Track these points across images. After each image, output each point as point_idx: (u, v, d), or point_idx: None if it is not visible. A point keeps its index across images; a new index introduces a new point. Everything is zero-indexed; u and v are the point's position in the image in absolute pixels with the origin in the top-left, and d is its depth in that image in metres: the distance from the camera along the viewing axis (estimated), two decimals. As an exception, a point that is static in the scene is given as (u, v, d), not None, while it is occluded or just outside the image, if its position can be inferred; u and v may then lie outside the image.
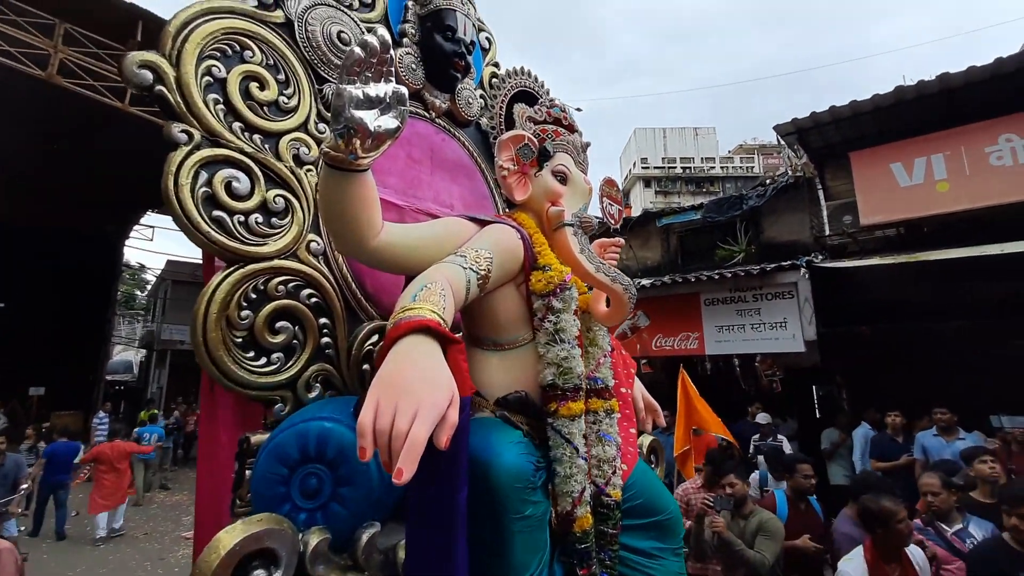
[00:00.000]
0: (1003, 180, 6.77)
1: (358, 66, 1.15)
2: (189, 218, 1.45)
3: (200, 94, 1.55)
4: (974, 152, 7.03)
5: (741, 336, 7.49)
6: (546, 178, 1.73)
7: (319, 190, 1.37)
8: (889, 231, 7.53)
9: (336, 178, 1.28)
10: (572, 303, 1.54)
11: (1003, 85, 6.75)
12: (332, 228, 1.41)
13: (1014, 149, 6.83)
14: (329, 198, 1.33)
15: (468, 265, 1.35)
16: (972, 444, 4.87)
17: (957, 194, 7.05)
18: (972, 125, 7.06)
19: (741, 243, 8.63)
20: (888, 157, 7.56)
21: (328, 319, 1.68)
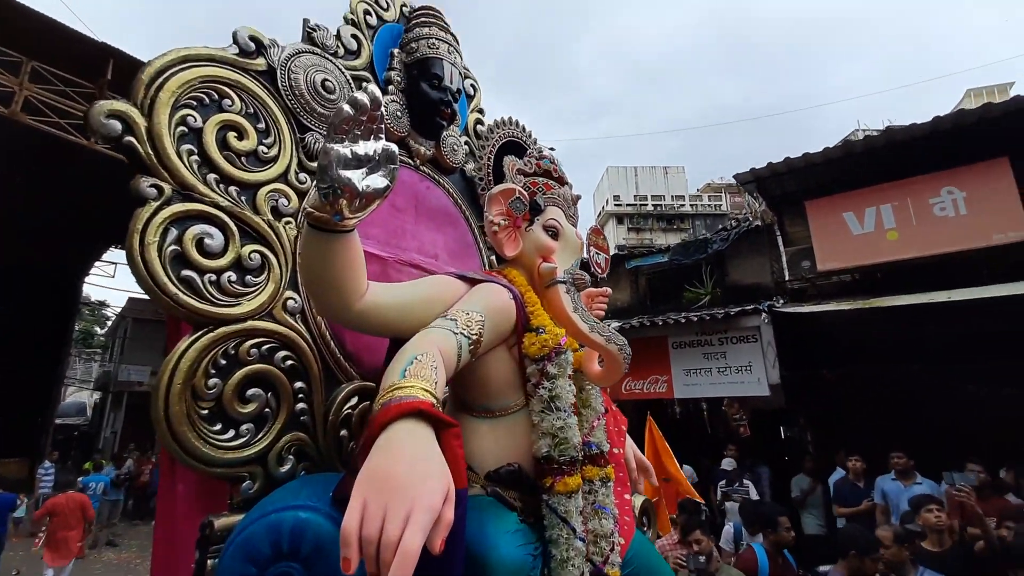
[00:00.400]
0: (947, 230, 7.08)
1: (346, 124, 1.07)
2: (155, 280, 1.31)
3: (173, 145, 1.44)
4: (919, 203, 7.35)
5: (708, 380, 7.50)
6: (537, 233, 1.65)
7: (299, 252, 1.26)
8: (845, 276, 7.75)
9: (319, 239, 1.17)
10: (567, 368, 1.45)
11: (942, 141, 7.13)
12: (313, 291, 1.30)
13: (955, 201, 7.17)
14: (310, 260, 1.22)
15: (459, 330, 1.25)
16: (928, 489, 4.91)
17: (906, 243, 7.33)
18: (917, 178, 7.41)
19: (707, 286, 8.75)
20: (841, 206, 7.86)
21: (304, 382, 1.54)
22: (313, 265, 1.22)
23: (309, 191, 1.68)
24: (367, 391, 1.66)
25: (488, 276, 1.52)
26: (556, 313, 1.54)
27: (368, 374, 1.68)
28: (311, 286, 1.29)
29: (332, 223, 1.14)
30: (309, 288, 1.30)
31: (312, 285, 1.28)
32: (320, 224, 1.15)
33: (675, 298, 9.04)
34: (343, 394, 1.60)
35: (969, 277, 6.26)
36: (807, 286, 7.97)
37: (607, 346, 1.52)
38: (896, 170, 7.49)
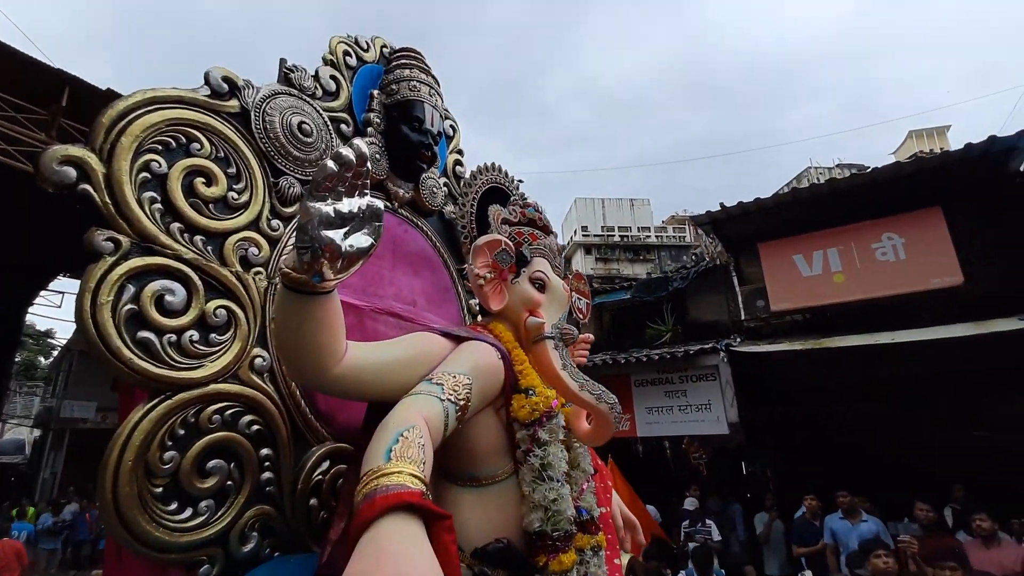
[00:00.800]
0: (889, 274, 7.37)
1: (330, 181, 0.97)
2: (108, 345, 1.16)
3: (134, 193, 1.30)
4: (863, 248, 7.66)
5: (670, 418, 7.49)
6: (524, 286, 1.57)
7: (272, 314, 1.14)
8: (797, 316, 7.95)
9: (295, 301, 1.06)
10: (560, 432, 1.35)
11: (881, 190, 7.48)
12: (286, 355, 1.17)
13: (895, 246, 7.50)
14: (285, 324, 1.10)
15: (446, 396, 1.14)
16: (874, 526, 4.97)
17: (851, 285, 7.59)
18: (860, 224, 7.72)
19: (668, 323, 8.84)
20: (791, 249, 8.11)
21: (271, 448, 1.39)
22: (287, 328, 1.11)
23: (281, 240, 1.56)
24: (340, 453, 1.52)
25: (474, 333, 1.42)
26: (544, 370, 1.45)
27: (341, 434, 1.55)
28: (284, 350, 1.17)
29: (310, 285, 1.04)
30: (282, 352, 1.18)
31: (285, 349, 1.16)
32: (297, 286, 1.05)
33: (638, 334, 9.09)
34: (314, 458, 1.46)
35: (911, 319, 6.50)
36: (762, 325, 8.13)
37: (597, 405, 1.43)
38: (841, 216, 7.81)
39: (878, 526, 5.05)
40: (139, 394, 1.25)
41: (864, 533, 4.88)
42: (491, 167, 1.87)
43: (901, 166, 7.57)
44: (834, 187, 7.84)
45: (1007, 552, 4.08)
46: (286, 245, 1.57)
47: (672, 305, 9.12)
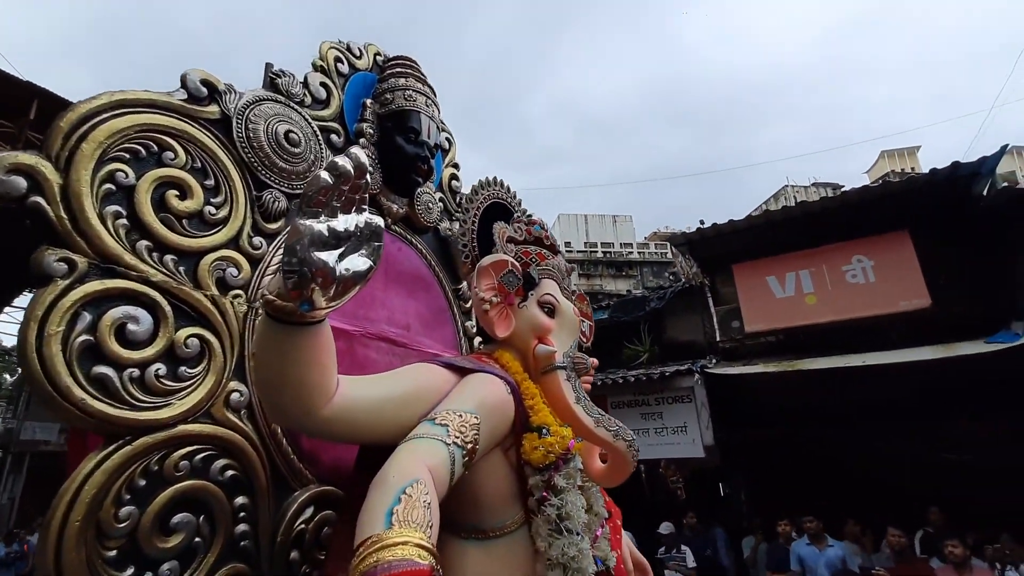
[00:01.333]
0: (859, 296, 7.43)
1: (323, 195, 0.82)
2: (55, 382, 0.98)
3: (95, 206, 1.12)
4: (833, 270, 7.73)
5: (646, 441, 7.36)
6: (532, 310, 1.41)
7: (254, 347, 0.98)
8: (771, 337, 7.96)
9: (280, 333, 0.91)
10: (577, 477, 1.19)
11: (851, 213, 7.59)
12: (268, 396, 1.01)
13: (865, 269, 7.58)
14: (267, 359, 0.94)
15: (451, 439, 0.99)
16: (840, 551, 4.93)
17: (823, 307, 7.63)
18: (831, 246, 7.80)
19: (645, 343, 8.77)
20: (764, 270, 8.15)
21: (247, 496, 1.21)
22: (270, 364, 0.94)
23: (264, 259, 1.39)
24: (327, 497, 1.33)
25: (479, 363, 1.26)
26: (556, 404, 1.30)
27: (327, 475, 1.37)
28: (265, 388, 1.00)
29: (298, 314, 0.88)
30: (262, 390, 1.01)
31: (267, 387, 0.99)
32: (282, 315, 0.89)
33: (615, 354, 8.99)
34: (296, 505, 1.28)
35: (881, 342, 6.55)
36: (737, 345, 8.12)
37: (615, 443, 1.29)
38: (813, 238, 7.89)
39: (844, 551, 5.02)
40: (93, 439, 1.06)
41: (831, 559, 4.84)
42: (493, 182, 1.73)
43: (869, 190, 7.69)
44: (805, 209, 7.93)
45: None
46: (269, 265, 1.40)
47: (649, 325, 9.06)
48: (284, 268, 0.83)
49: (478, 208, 1.63)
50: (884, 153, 26.23)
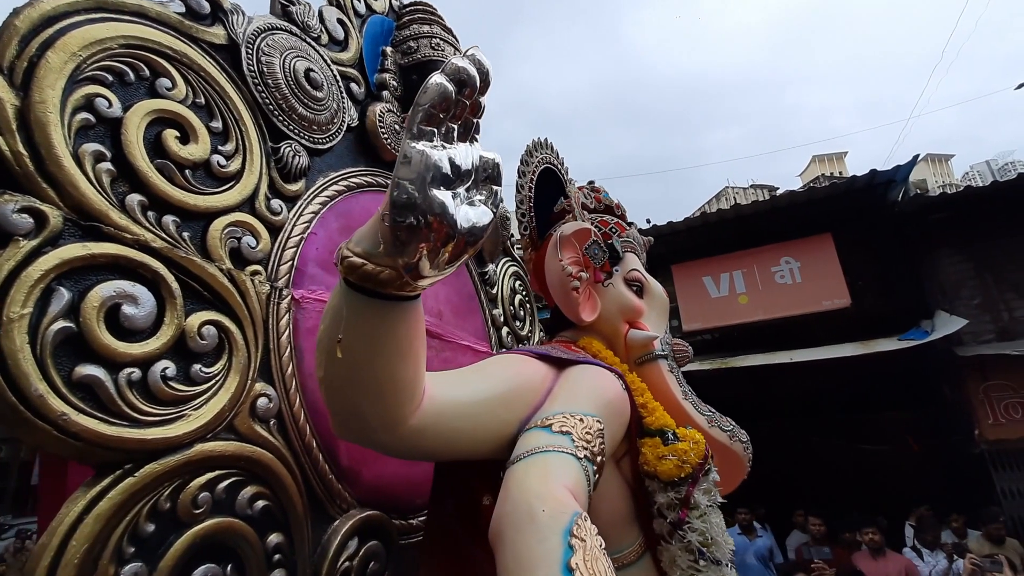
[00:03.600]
0: (786, 296, 7.77)
1: (443, 110, 0.59)
2: (20, 389, 0.64)
3: (67, 141, 0.77)
4: (763, 271, 8.05)
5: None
6: (619, 289, 1.17)
7: (324, 336, 0.68)
8: (707, 335, 8.19)
9: (368, 312, 0.65)
10: (715, 493, 0.96)
11: (780, 216, 7.92)
12: (345, 400, 0.72)
13: (792, 270, 7.94)
14: (352, 350, 0.66)
15: (580, 450, 0.74)
16: (768, 541, 5.16)
17: (754, 306, 7.94)
18: (762, 248, 8.12)
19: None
20: (700, 271, 8.39)
21: (283, 533, 0.90)
22: (352, 355, 0.66)
23: (284, 228, 1.07)
24: (372, 525, 1.05)
25: (572, 353, 1.01)
26: (659, 400, 1.07)
27: (368, 496, 1.08)
28: (340, 389, 0.71)
29: (400, 283, 0.61)
30: (337, 392, 0.72)
31: (342, 387, 0.71)
32: (376, 285, 0.62)
33: (566, 348, 8.95)
34: (339, 538, 0.98)
35: (806, 339, 6.87)
36: (676, 343, 8.29)
37: (731, 445, 1.09)
38: (745, 240, 8.17)
39: (771, 540, 5.25)
40: (77, 472, 0.73)
41: (760, 548, 5.03)
42: (545, 144, 1.46)
43: (796, 195, 8.04)
44: (739, 212, 8.19)
45: (891, 562, 4.28)
46: (290, 236, 1.08)
47: None
48: (391, 214, 0.55)
49: (534, 172, 1.36)
50: (815, 157, 28.19)
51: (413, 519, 1.15)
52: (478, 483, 0.86)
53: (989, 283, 6.03)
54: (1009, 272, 5.90)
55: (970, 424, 5.60)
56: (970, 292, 6.12)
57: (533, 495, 0.63)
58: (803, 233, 7.82)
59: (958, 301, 6.14)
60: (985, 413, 5.52)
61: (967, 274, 6.21)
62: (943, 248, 6.44)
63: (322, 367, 0.70)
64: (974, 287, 6.12)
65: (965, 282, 6.19)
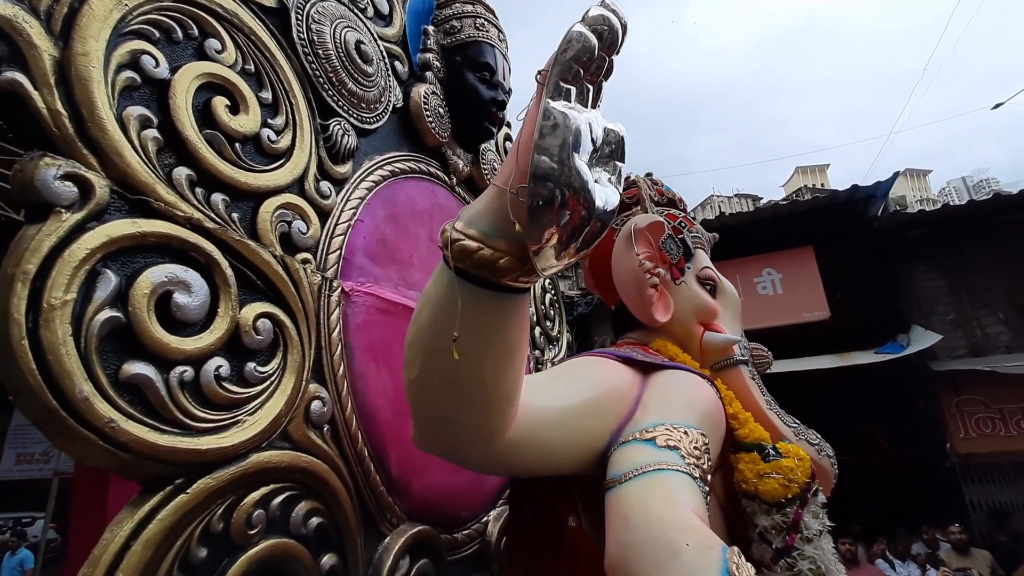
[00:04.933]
0: (768, 307, 7.85)
1: (582, 66, 0.50)
2: (61, 390, 0.53)
3: (111, 103, 0.66)
4: (746, 281, 8.12)
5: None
6: (693, 288, 1.08)
7: (425, 334, 0.59)
8: (694, 346, 8.23)
9: (482, 306, 0.56)
10: (824, 516, 0.87)
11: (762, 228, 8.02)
12: (443, 412, 0.63)
13: (774, 281, 8.04)
14: (463, 349, 0.56)
15: (696, 470, 0.66)
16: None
17: (736, 317, 7.99)
18: (745, 258, 8.18)
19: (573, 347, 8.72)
20: (685, 280, 8.39)
21: (336, 553, 0.80)
22: (464, 358, 0.56)
23: (332, 213, 0.96)
24: (422, 541, 0.95)
25: (651, 356, 0.92)
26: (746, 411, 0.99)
27: (416, 510, 0.98)
28: (442, 398, 0.61)
29: (516, 273, 0.53)
30: (434, 402, 0.61)
31: (444, 397, 0.61)
32: (494, 275, 0.53)
33: (543, 351, 8.89)
34: (392, 558, 0.88)
35: (787, 351, 6.95)
36: (659, 350, 8.33)
37: (819, 460, 1.02)
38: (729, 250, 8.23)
39: None
40: (120, 488, 0.62)
41: None
42: None
43: (779, 207, 8.16)
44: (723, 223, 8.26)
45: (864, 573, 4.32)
46: (338, 222, 0.97)
47: (577, 329, 9.06)
48: (533, 183, 0.46)
49: None
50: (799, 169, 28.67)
51: (458, 533, 1.06)
52: (560, 502, 0.77)
53: (963, 299, 6.20)
54: (982, 289, 6.08)
55: (942, 437, 5.73)
56: (945, 308, 6.28)
57: (667, 525, 0.54)
58: (785, 245, 7.92)
59: (933, 316, 6.29)
60: (957, 427, 5.66)
61: (942, 290, 6.37)
62: (920, 264, 6.60)
63: (415, 368, 0.60)
64: (949, 303, 6.28)
65: (940, 298, 6.36)
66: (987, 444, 5.47)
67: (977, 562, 4.49)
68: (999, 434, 5.52)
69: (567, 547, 0.74)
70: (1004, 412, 5.56)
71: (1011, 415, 5.53)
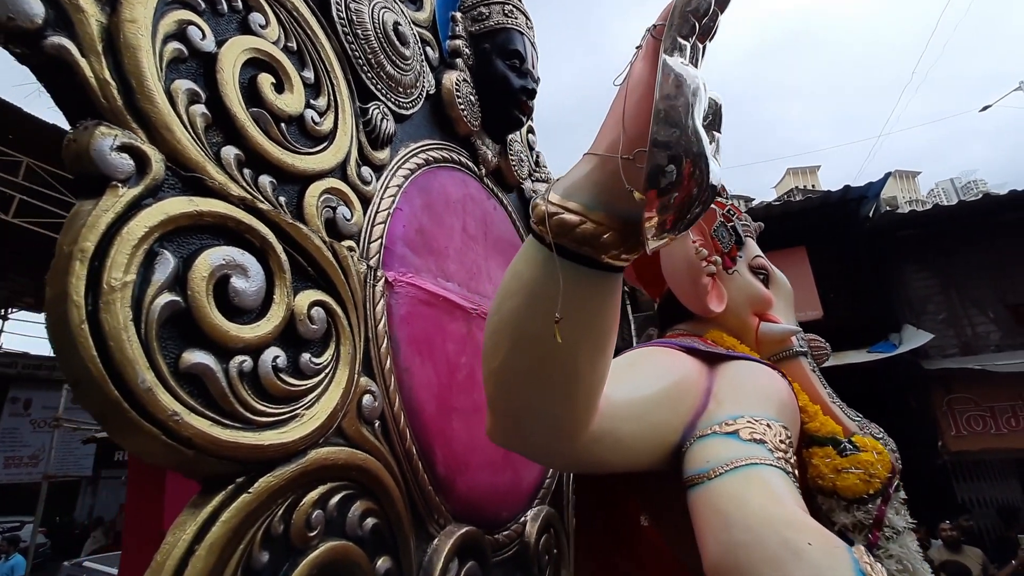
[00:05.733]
0: None
1: (698, 19, 0.46)
2: (124, 379, 0.48)
3: (159, 75, 0.61)
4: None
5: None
6: (746, 277, 1.06)
7: (514, 317, 0.55)
8: (687, 337, 8.24)
9: (584, 287, 0.52)
10: (906, 512, 0.84)
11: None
12: (527, 402, 0.59)
13: (768, 280, 8.07)
14: (567, 333, 0.52)
15: (788, 465, 0.63)
16: None
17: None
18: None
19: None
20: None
21: (391, 556, 0.76)
22: (567, 341, 0.52)
23: (372, 200, 0.92)
24: (469, 542, 0.91)
25: (713, 347, 0.89)
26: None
27: (461, 510, 0.93)
28: (529, 388, 0.57)
29: (616, 250, 0.50)
30: (519, 392, 0.57)
31: (531, 386, 0.56)
32: (596, 251, 0.49)
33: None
34: (442, 560, 0.84)
35: None
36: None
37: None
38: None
39: None
40: (177, 487, 0.57)
41: None
42: None
43: (771, 207, 8.22)
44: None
45: None
46: (378, 211, 0.93)
47: None
48: (653, 146, 0.42)
49: None
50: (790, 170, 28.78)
51: (498, 534, 1.02)
52: (631, 500, 0.74)
53: (954, 299, 6.28)
54: (972, 289, 6.16)
55: (934, 435, 5.79)
56: (936, 307, 6.36)
57: (779, 523, 0.51)
58: (778, 245, 7.97)
59: (925, 316, 6.37)
60: (948, 425, 5.73)
61: (933, 289, 6.45)
62: (911, 264, 6.68)
63: (499, 356, 0.56)
64: (940, 302, 6.36)
65: (931, 297, 6.43)
66: (978, 442, 5.55)
67: (969, 559, 4.53)
68: (990, 432, 5.61)
69: (641, 547, 0.71)
70: (995, 410, 5.64)
71: (1001, 413, 5.61)
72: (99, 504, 11.42)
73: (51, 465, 7.25)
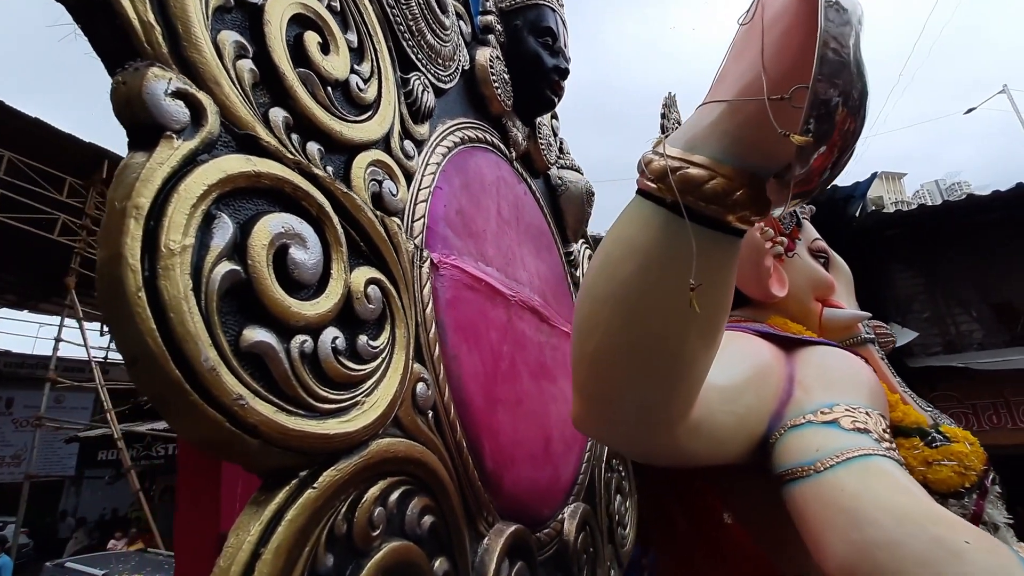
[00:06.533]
0: None
1: None
2: (185, 357, 0.42)
3: (206, 23, 0.54)
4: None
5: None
6: (807, 260, 1.01)
7: (630, 291, 0.48)
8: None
9: (710, 253, 0.46)
10: (1003, 507, 0.79)
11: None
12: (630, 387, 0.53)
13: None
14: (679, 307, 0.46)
15: (890, 451, 0.58)
16: None
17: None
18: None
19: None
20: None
21: (448, 557, 0.69)
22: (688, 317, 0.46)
23: (413, 177, 0.85)
24: (519, 542, 0.85)
25: (784, 332, 0.84)
26: None
27: (507, 507, 0.87)
28: (635, 370, 0.51)
29: (744, 211, 0.44)
30: (623, 376, 0.51)
31: (638, 368, 0.50)
32: (724, 211, 0.44)
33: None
34: (495, 560, 0.78)
35: None
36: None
37: None
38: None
39: None
40: (230, 479, 0.50)
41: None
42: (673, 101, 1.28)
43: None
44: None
45: None
46: (420, 188, 0.87)
47: None
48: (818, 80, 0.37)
49: (675, 126, 1.17)
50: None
51: (539, 532, 0.96)
52: (709, 495, 0.68)
53: (938, 298, 6.37)
54: (956, 288, 6.25)
55: (919, 429, 5.87)
56: (921, 306, 6.44)
57: (925, 519, 0.46)
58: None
59: (910, 314, 6.45)
60: (933, 420, 5.80)
61: (918, 288, 6.54)
62: (897, 263, 6.76)
63: (596, 335, 0.50)
64: (924, 301, 6.45)
65: (916, 296, 6.52)
66: (963, 437, 5.63)
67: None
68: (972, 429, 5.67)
69: (724, 545, 0.66)
70: (977, 407, 5.72)
71: (983, 410, 5.70)
72: (82, 504, 11.11)
73: (33, 465, 7.04)
